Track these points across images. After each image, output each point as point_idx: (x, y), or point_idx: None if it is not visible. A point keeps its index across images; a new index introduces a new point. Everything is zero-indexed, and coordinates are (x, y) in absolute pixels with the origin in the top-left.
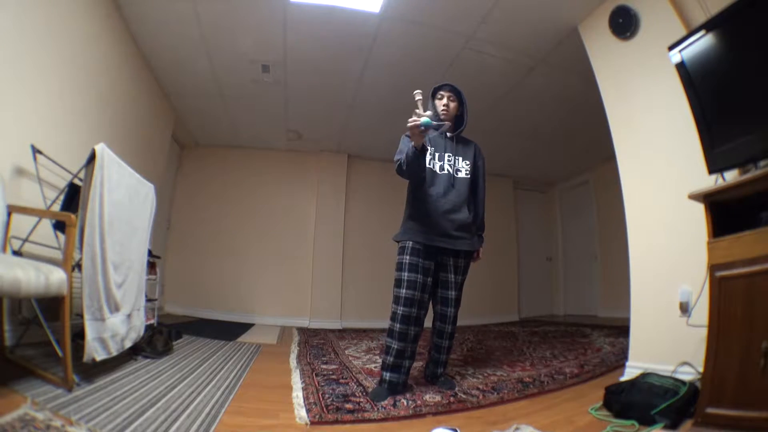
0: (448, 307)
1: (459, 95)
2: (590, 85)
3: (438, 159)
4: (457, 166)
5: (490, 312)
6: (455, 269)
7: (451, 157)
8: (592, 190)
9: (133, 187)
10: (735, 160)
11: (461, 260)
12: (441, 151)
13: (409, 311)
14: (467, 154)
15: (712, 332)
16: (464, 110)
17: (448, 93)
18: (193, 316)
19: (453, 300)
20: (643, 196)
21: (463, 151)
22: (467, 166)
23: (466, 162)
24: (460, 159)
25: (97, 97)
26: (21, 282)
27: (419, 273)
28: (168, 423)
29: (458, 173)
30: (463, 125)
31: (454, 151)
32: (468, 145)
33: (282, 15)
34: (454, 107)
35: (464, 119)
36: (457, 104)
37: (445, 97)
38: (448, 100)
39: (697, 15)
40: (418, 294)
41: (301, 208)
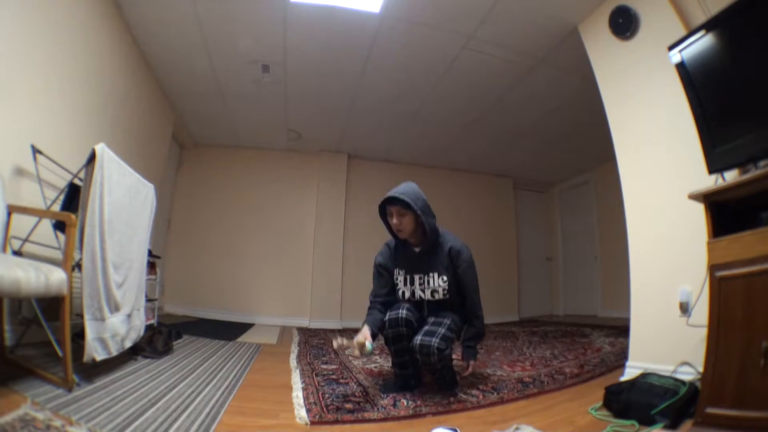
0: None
1: (408, 205)
2: (590, 85)
3: (409, 283)
4: (432, 286)
5: (490, 312)
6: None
7: (422, 278)
8: (592, 190)
9: (133, 187)
10: (735, 160)
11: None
12: (411, 273)
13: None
14: (441, 265)
15: (712, 332)
16: (421, 215)
17: (395, 209)
18: (193, 316)
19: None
20: (643, 196)
21: (437, 264)
22: (443, 283)
23: (443, 279)
24: (435, 276)
25: (97, 97)
26: (21, 282)
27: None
28: (168, 423)
29: (434, 295)
30: (428, 235)
31: (425, 267)
32: (441, 251)
33: (282, 15)
34: (408, 221)
35: (425, 228)
36: (410, 216)
37: (394, 215)
38: (398, 217)
39: (697, 15)
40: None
41: (301, 208)
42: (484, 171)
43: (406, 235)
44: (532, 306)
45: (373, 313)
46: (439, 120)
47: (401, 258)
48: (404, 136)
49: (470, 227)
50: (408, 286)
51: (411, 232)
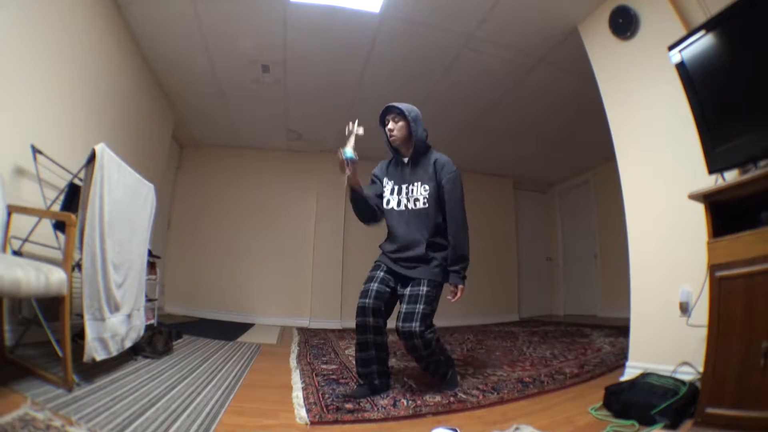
0: (403, 340)
1: (403, 113)
2: (590, 85)
3: (396, 193)
4: (414, 195)
5: (490, 312)
6: (409, 298)
7: (409, 187)
8: (592, 190)
9: (133, 187)
10: (735, 160)
11: (420, 288)
12: (399, 183)
13: (362, 320)
14: (426, 175)
15: (712, 332)
16: (414, 127)
17: (392, 116)
18: (193, 316)
19: (404, 333)
20: (643, 196)
21: (422, 172)
22: (425, 192)
23: (425, 187)
24: (418, 185)
25: (98, 97)
26: (21, 282)
27: (374, 282)
28: (168, 423)
29: (416, 203)
30: (414, 142)
31: (411, 177)
32: (427, 162)
33: (282, 15)
34: (401, 128)
35: (416, 136)
36: (403, 123)
37: (390, 121)
38: (393, 123)
39: (697, 15)
40: (369, 301)
41: (301, 208)
42: (484, 171)
43: (398, 141)
44: (532, 306)
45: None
46: (439, 120)
47: (392, 170)
48: None
49: (470, 227)
50: (394, 195)
51: (403, 139)
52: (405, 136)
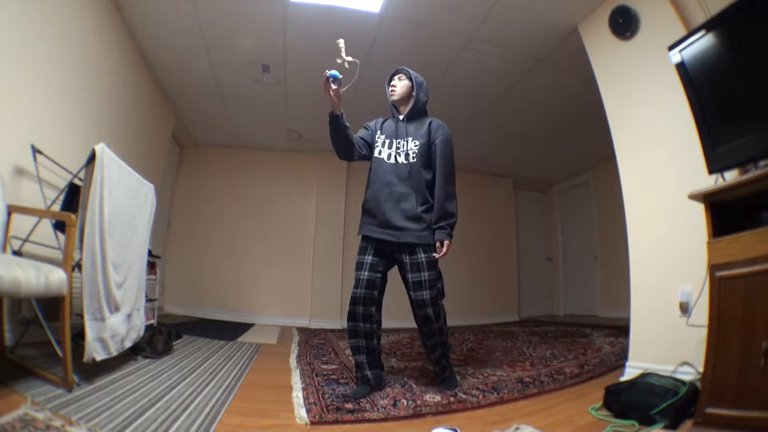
0: (416, 309)
1: (410, 75)
2: (590, 85)
3: (387, 146)
4: (405, 149)
5: (490, 312)
6: (411, 267)
7: (400, 142)
8: (592, 190)
9: (133, 187)
10: (735, 160)
11: (418, 256)
12: (392, 137)
13: (352, 309)
14: (419, 133)
15: (712, 332)
16: (417, 89)
17: (398, 76)
18: (193, 316)
19: (418, 302)
20: (643, 195)
21: (415, 130)
22: (415, 147)
23: (415, 142)
24: (410, 140)
25: (98, 97)
26: (21, 282)
27: (364, 270)
28: (168, 423)
29: (406, 158)
30: (413, 103)
31: (405, 133)
32: (422, 123)
33: (282, 15)
34: (404, 86)
35: (416, 98)
36: (407, 83)
37: (395, 79)
38: (398, 80)
39: (697, 15)
40: (360, 291)
41: (301, 208)
42: (484, 171)
43: (398, 97)
44: (532, 306)
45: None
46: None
47: (386, 126)
48: None
49: (470, 227)
50: (385, 147)
51: (403, 97)
52: (406, 94)
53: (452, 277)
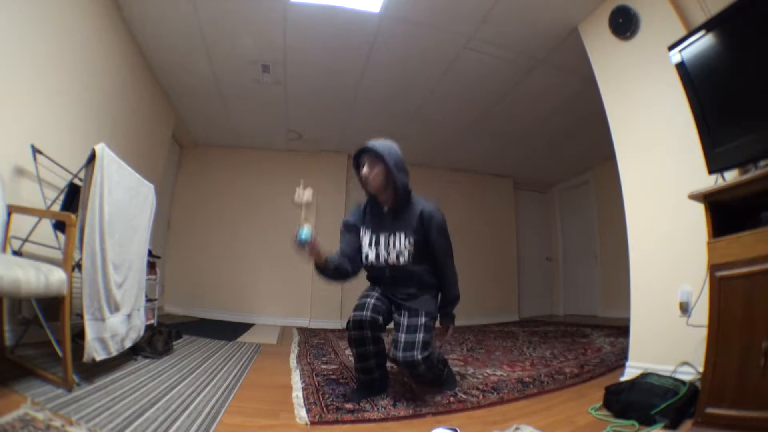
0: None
1: (379, 156)
2: (590, 85)
3: (374, 244)
4: (398, 248)
5: (490, 312)
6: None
7: (388, 238)
8: (592, 190)
9: (133, 187)
10: (735, 160)
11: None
12: (378, 232)
13: (359, 333)
14: (410, 226)
15: (712, 332)
16: (393, 170)
17: (367, 158)
18: (193, 316)
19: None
20: (643, 195)
21: (406, 224)
22: (409, 245)
23: (409, 240)
24: (402, 237)
25: (97, 97)
26: (21, 282)
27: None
28: (168, 423)
29: (399, 258)
30: (398, 193)
31: (392, 227)
32: (411, 212)
33: (282, 15)
34: (377, 174)
35: (398, 184)
36: (381, 168)
37: (365, 165)
38: (368, 168)
39: (697, 15)
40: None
41: None
42: (484, 171)
43: (374, 189)
44: (532, 306)
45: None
46: (439, 120)
47: (369, 217)
48: (404, 136)
49: (470, 227)
50: (373, 247)
51: (380, 187)
52: (382, 183)
53: None
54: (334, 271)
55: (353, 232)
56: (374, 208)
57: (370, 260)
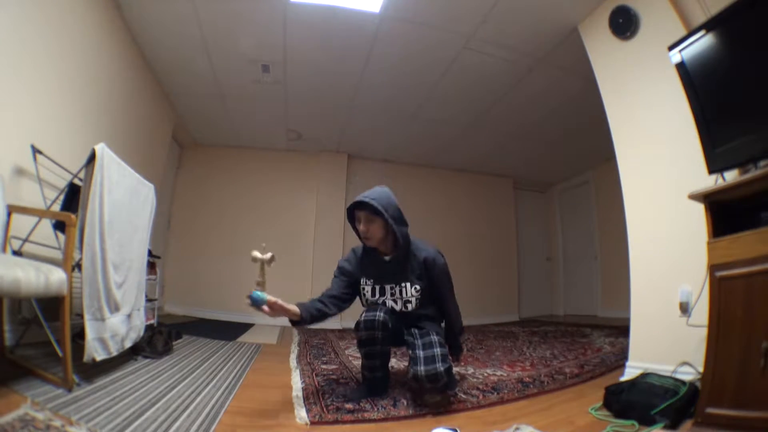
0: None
1: (377, 211)
2: (590, 85)
3: (378, 293)
4: (405, 297)
5: (490, 312)
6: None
7: (394, 288)
8: (592, 190)
9: (133, 187)
10: (735, 160)
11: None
12: (381, 282)
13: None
14: (413, 274)
15: (712, 332)
16: (392, 223)
17: (363, 214)
18: (193, 316)
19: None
20: (643, 196)
21: (409, 272)
22: (416, 293)
23: (416, 288)
24: (407, 286)
25: (98, 97)
26: (21, 282)
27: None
28: (168, 423)
29: (407, 306)
30: (399, 244)
31: (397, 278)
32: (413, 262)
33: (282, 15)
34: (377, 228)
35: (399, 237)
36: (379, 222)
37: (362, 221)
38: (366, 223)
39: (697, 15)
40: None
41: (301, 208)
42: (484, 171)
43: (375, 243)
44: (532, 306)
45: (313, 302)
46: (439, 120)
47: (370, 266)
48: (404, 136)
49: (470, 227)
50: (378, 297)
51: (380, 240)
52: (382, 237)
53: (452, 277)
54: (317, 318)
55: (347, 277)
56: (373, 257)
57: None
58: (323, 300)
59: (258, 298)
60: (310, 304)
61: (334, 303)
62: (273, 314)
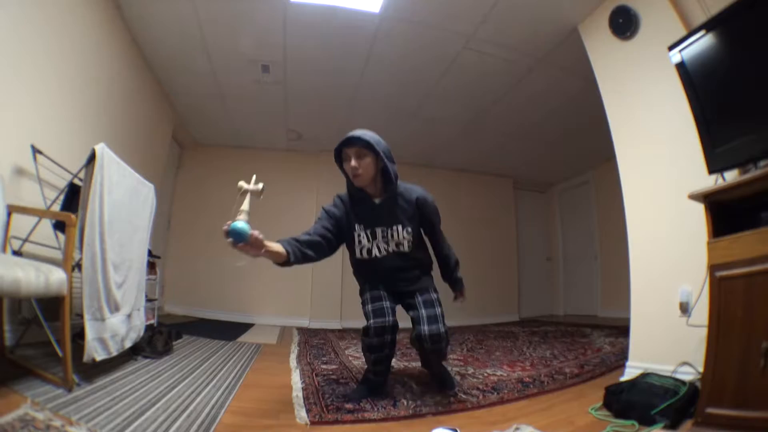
0: (430, 344)
1: (369, 146)
2: (590, 85)
3: (370, 237)
4: (396, 239)
5: (490, 312)
6: (425, 303)
7: (385, 231)
8: (592, 190)
9: (133, 187)
10: (735, 160)
11: (430, 295)
12: (373, 225)
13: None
14: (405, 216)
15: (712, 332)
16: (385, 159)
17: (353, 150)
18: (193, 316)
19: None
20: (643, 196)
21: (401, 214)
22: (408, 235)
23: (407, 230)
24: (399, 228)
25: (97, 97)
26: (21, 282)
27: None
28: (168, 423)
29: (399, 247)
30: (391, 183)
31: (388, 220)
32: (404, 201)
33: (282, 15)
34: (367, 165)
35: (390, 174)
36: (371, 159)
37: (351, 158)
38: (357, 159)
39: (697, 15)
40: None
41: (301, 208)
42: (484, 171)
43: (366, 182)
44: (532, 306)
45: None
46: (439, 119)
47: (359, 211)
48: (404, 136)
49: (470, 227)
50: (370, 242)
51: (371, 179)
52: (373, 175)
53: None
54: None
55: (335, 220)
56: (362, 201)
57: (374, 254)
58: (307, 241)
59: (239, 230)
60: (294, 243)
61: (318, 247)
62: (254, 253)
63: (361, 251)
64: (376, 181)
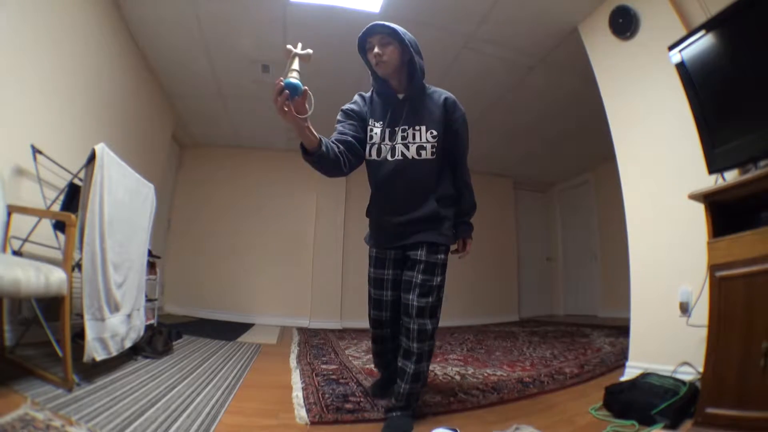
0: (408, 318)
1: (396, 34)
2: (590, 85)
3: (389, 138)
4: (418, 141)
5: (490, 312)
6: (425, 266)
7: (406, 131)
8: (592, 190)
9: (133, 187)
10: (735, 160)
11: (438, 255)
12: (393, 125)
13: (379, 332)
14: (432, 116)
15: (712, 332)
16: (413, 53)
17: (377, 38)
18: (193, 316)
19: (413, 308)
20: (643, 196)
21: (427, 114)
22: (433, 139)
23: (432, 133)
24: (423, 129)
25: (97, 97)
26: (21, 282)
27: (386, 288)
28: (168, 423)
29: (421, 153)
30: (416, 77)
31: (411, 119)
32: (430, 101)
33: (282, 15)
34: (392, 52)
35: (417, 67)
36: (395, 47)
37: (375, 46)
38: (380, 47)
39: (697, 15)
40: (386, 314)
41: (301, 208)
42: (484, 171)
43: (390, 71)
44: (532, 306)
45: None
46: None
47: (378, 107)
48: None
49: None
50: (387, 142)
51: (395, 69)
52: (398, 64)
53: (452, 277)
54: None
55: (356, 120)
56: (385, 96)
57: (383, 155)
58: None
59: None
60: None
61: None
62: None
63: (370, 149)
64: (401, 74)
